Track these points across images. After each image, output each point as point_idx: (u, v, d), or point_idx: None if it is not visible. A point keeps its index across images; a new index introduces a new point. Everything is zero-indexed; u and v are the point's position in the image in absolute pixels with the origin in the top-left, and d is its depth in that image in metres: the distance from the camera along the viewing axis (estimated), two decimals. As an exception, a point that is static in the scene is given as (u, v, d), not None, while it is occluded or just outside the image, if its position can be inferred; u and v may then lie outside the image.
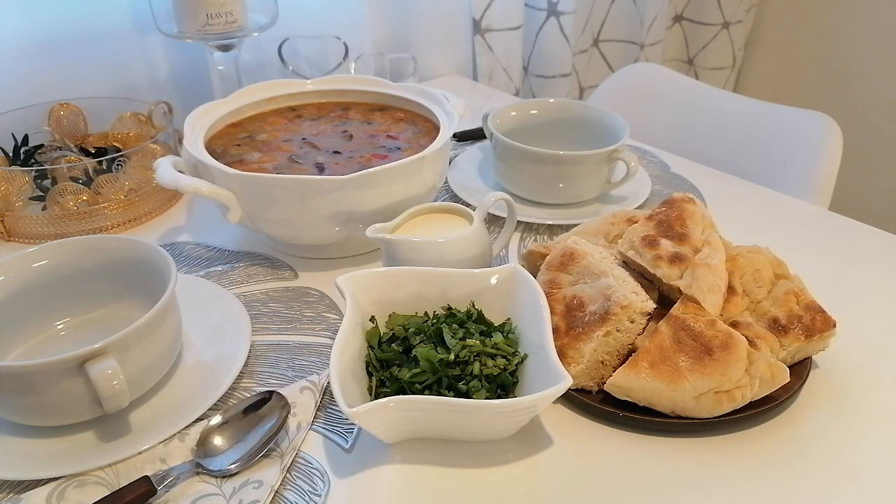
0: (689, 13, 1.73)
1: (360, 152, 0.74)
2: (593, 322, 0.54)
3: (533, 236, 0.79)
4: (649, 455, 0.52)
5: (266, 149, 0.74)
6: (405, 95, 0.82)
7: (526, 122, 0.88)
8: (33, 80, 0.91)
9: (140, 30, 0.98)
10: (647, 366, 0.52)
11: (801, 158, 0.99)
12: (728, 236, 0.64)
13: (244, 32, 0.92)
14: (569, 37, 1.39)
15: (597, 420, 0.55)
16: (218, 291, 0.66)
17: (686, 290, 0.55)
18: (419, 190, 0.70)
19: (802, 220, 0.83)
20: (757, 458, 0.52)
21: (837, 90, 1.74)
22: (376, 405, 0.46)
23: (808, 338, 0.56)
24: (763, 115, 1.09)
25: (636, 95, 1.21)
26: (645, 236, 0.59)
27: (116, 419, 0.53)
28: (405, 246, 0.62)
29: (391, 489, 0.49)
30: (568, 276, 0.59)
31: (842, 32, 1.71)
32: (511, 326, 0.56)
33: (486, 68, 1.33)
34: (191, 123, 0.73)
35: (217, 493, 0.48)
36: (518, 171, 0.82)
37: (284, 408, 0.52)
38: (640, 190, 0.84)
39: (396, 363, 0.53)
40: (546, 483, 0.50)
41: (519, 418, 0.51)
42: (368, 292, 0.57)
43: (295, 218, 0.67)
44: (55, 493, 0.47)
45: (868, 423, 0.55)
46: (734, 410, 0.52)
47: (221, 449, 0.50)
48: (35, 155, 0.86)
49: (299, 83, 0.84)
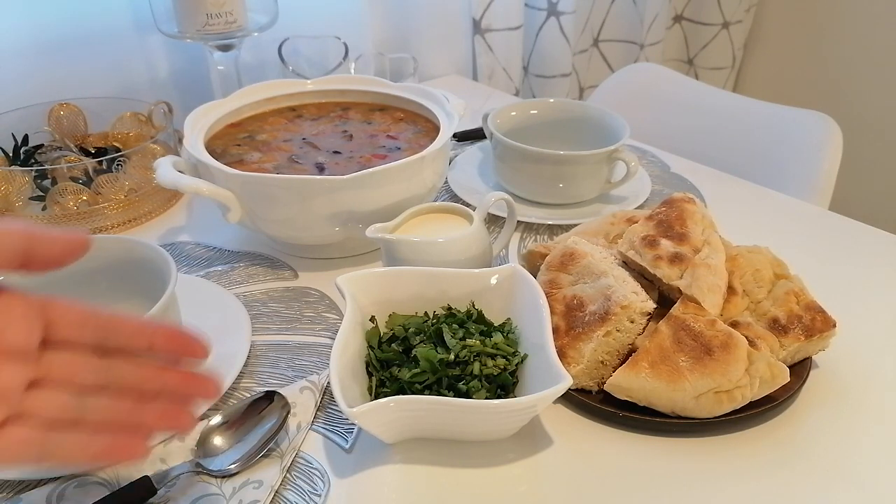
0: (689, 13, 1.73)
1: (360, 152, 0.74)
2: (593, 322, 0.54)
3: (533, 236, 0.79)
4: (649, 455, 0.52)
5: (266, 149, 0.74)
6: (405, 95, 0.82)
7: (526, 122, 0.88)
8: (33, 80, 0.91)
9: (140, 30, 0.98)
10: (647, 366, 0.52)
11: (801, 158, 0.99)
12: (728, 236, 0.64)
13: (244, 32, 0.92)
14: (569, 37, 1.39)
15: (597, 420, 0.55)
16: (218, 291, 0.66)
17: (686, 290, 0.55)
18: (419, 190, 0.70)
19: (802, 220, 0.83)
20: (757, 458, 0.52)
21: (837, 90, 1.74)
22: (376, 405, 0.46)
23: (808, 338, 0.56)
24: (763, 115, 1.09)
25: (636, 95, 1.21)
26: (645, 236, 0.59)
27: (116, 419, 0.53)
28: (405, 246, 0.62)
29: (391, 489, 0.49)
30: (568, 276, 0.59)
31: (842, 32, 1.71)
32: (511, 326, 0.56)
33: (486, 68, 1.33)
34: (191, 123, 0.73)
35: (217, 493, 0.48)
36: (518, 171, 0.82)
37: (284, 408, 0.52)
38: (640, 190, 0.84)
39: (396, 363, 0.53)
40: (546, 483, 0.50)
41: (519, 418, 0.51)
42: (368, 292, 0.57)
43: (295, 218, 0.67)
44: (55, 493, 0.47)
45: (868, 423, 0.55)
46: (734, 410, 0.52)
47: (221, 449, 0.50)
48: (35, 155, 0.86)
49: (299, 83, 0.84)
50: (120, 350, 0.36)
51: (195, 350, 0.37)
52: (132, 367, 0.36)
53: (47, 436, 0.33)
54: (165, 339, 0.37)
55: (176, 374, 0.37)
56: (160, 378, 0.37)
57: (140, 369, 0.36)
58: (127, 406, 0.36)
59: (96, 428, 0.35)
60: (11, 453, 0.33)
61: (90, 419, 0.35)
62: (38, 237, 0.33)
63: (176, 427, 0.38)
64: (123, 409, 0.36)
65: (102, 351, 0.35)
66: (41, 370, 0.34)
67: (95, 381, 0.35)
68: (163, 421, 0.37)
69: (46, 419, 0.34)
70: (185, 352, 0.37)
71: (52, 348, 0.34)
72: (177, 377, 0.37)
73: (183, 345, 0.37)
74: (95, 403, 0.35)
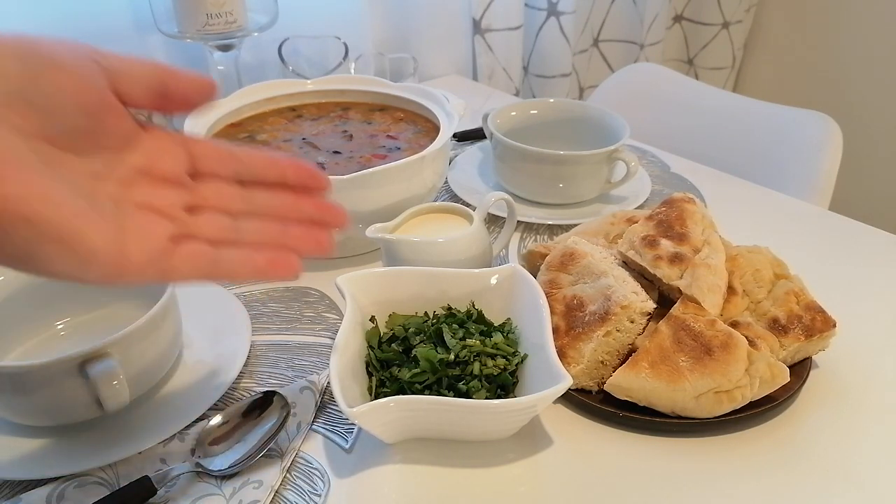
0: (689, 13, 1.73)
1: (360, 152, 0.74)
2: (593, 322, 0.54)
3: (533, 236, 0.79)
4: (649, 455, 0.52)
5: (266, 149, 0.74)
6: (405, 95, 0.82)
7: (526, 122, 0.88)
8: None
9: (140, 30, 0.98)
10: (647, 366, 0.52)
11: (801, 158, 0.99)
12: (728, 236, 0.64)
13: (244, 32, 0.92)
14: (569, 37, 1.39)
15: (597, 420, 0.55)
16: (218, 291, 0.66)
17: (686, 290, 0.55)
18: (419, 190, 0.70)
19: (802, 220, 0.83)
20: (757, 458, 0.52)
21: (837, 90, 1.74)
22: (376, 405, 0.46)
23: (808, 338, 0.56)
24: (763, 115, 1.09)
25: (636, 95, 1.21)
26: (645, 236, 0.59)
27: (116, 419, 0.53)
28: (405, 246, 0.62)
29: (391, 489, 0.49)
30: (568, 276, 0.59)
31: (842, 32, 1.71)
32: (511, 326, 0.56)
33: (486, 68, 1.33)
34: (191, 123, 0.73)
35: (217, 493, 0.48)
36: (518, 171, 0.82)
37: (284, 408, 0.52)
38: (640, 190, 0.84)
39: (396, 363, 0.53)
40: (546, 483, 0.50)
41: (519, 418, 0.51)
42: (368, 292, 0.57)
43: (295, 218, 0.67)
44: (55, 493, 0.47)
45: (868, 423, 0.55)
46: (734, 410, 0.52)
47: (221, 449, 0.50)
48: (35, 155, 0.86)
49: (299, 83, 0.84)
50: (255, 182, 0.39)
51: (319, 182, 0.40)
52: (271, 195, 0.39)
53: (216, 251, 0.37)
54: (295, 171, 0.40)
55: (311, 201, 0.40)
56: (298, 205, 0.40)
57: (279, 196, 0.39)
58: (276, 228, 0.39)
59: (254, 247, 0.38)
60: (189, 267, 0.36)
61: (247, 239, 0.38)
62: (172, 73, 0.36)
63: (318, 248, 0.40)
64: (274, 231, 0.39)
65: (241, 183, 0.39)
66: (196, 198, 0.37)
67: (243, 207, 0.38)
68: (307, 242, 0.40)
69: (211, 238, 0.37)
70: (310, 182, 0.40)
71: (200, 180, 0.38)
72: (312, 204, 0.40)
73: (309, 176, 0.40)
74: (249, 226, 0.38)
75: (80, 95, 0.33)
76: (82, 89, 0.33)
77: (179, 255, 0.36)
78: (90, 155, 0.34)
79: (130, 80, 0.35)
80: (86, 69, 0.33)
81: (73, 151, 0.33)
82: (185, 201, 0.37)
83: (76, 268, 0.32)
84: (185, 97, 0.36)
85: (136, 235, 0.34)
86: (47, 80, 0.32)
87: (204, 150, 0.38)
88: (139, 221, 0.35)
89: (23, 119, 0.31)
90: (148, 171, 0.36)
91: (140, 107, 0.36)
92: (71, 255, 0.32)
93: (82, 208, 0.32)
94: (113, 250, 0.33)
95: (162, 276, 0.35)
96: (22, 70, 0.31)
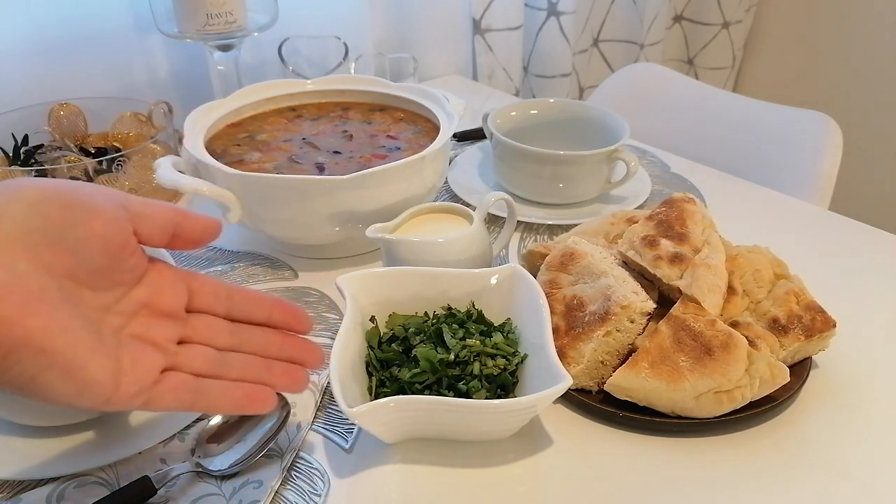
0: (688, 13, 1.73)
1: (360, 152, 0.74)
2: (593, 322, 0.54)
3: (533, 236, 0.79)
4: (649, 455, 0.52)
5: (266, 149, 0.74)
6: (405, 95, 0.82)
7: (526, 122, 0.88)
8: (33, 80, 0.91)
9: (140, 30, 0.98)
10: (647, 366, 0.52)
11: (801, 158, 0.99)
12: (728, 236, 0.64)
13: (244, 32, 0.91)
14: (569, 37, 1.39)
15: (597, 420, 0.55)
16: (218, 291, 0.66)
17: (686, 290, 0.55)
18: (419, 190, 0.70)
19: (802, 220, 0.83)
20: (757, 458, 0.52)
21: (837, 90, 1.74)
22: (376, 405, 0.46)
23: (808, 338, 0.56)
24: (763, 115, 1.09)
25: (636, 95, 1.21)
26: (645, 236, 0.59)
27: (116, 419, 0.53)
28: (405, 246, 0.62)
29: (391, 489, 0.49)
30: (568, 276, 0.59)
31: (842, 32, 1.71)
32: (511, 326, 0.56)
33: (486, 68, 1.33)
34: (191, 123, 0.73)
35: (217, 493, 0.48)
36: (518, 171, 0.82)
37: (284, 408, 0.52)
38: (640, 190, 0.84)
39: (396, 363, 0.53)
40: (546, 483, 0.50)
41: (519, 418, 0.51)
42: (368, 292, 0.57)
43: (295, 218, 0.67)
44: (55, 493, 0.47)
45: (868, 423, 0.55)
46: (734, 410, 0.52)
47: (221, 449, 0.50)
48: (35, 155, 0.86)
49: (299, 83, 0.84)
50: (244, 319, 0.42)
51: (303, 323, 0.44)
52: (257, 332, 0.42)
53: (199, 382, 0.39)
54: (281, 312, 0.43)
55: (292, 340, 0.43)
56: (281, 344, 0.43)
57: (265, 334, 0.43)
58: (258, 364, 0.42)
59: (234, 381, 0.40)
60: (172, 398, 0.38)
61: (229, 373, 0.40)
62: (185, 216, 0.39)
63: (294, 384, 0.43)
64: (256, 366, 0.41)
65: (230, 319, 0.42)
66: (188, 330, 0.40)
67: (229, 342, 0.41)
68: (283, 378, 0.42)
69: (196, 370, 0.39)
70: (294, 323, 0.43)
71: (193, 313, 0.41)
72: (293, 344, 0.43)
73: (294, 318, 0.43)
74: (233, 359, 0.41)
75: (109, 239, 0.36)
76: (112, 234, 0.36)
77: (165, 386, 0.38)
78: (103, 290, 0.37)
79: (151, 223, 0.38)
80: (117, 215, 0.36)
81: (89, 287, 0.36)
82: (178, 334, 0.40)
83: (72, 395, 0.34)
84: (193, 237, 0.40)
85: (131, 367, 0.36)
86: (84, 226, 0.35)
87: (202, 286, 0.41)
88: (135, 353, 0.37)
89: (54, 257, 0.34)
90: (149, 304, 0.39)
91: (154, 245, 0.39)
92: (71, 384, 0.34)
93: (91, 342, 0.34)
94: (109, 382, 0.35)
95: (146, 405, 0.37)
96: (62, 215, 0.34)
